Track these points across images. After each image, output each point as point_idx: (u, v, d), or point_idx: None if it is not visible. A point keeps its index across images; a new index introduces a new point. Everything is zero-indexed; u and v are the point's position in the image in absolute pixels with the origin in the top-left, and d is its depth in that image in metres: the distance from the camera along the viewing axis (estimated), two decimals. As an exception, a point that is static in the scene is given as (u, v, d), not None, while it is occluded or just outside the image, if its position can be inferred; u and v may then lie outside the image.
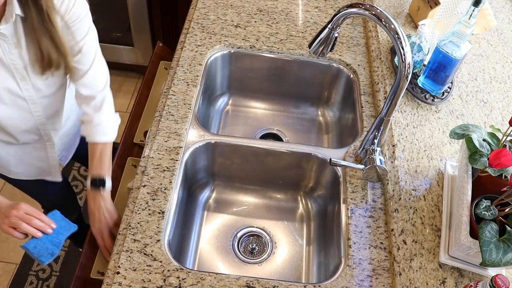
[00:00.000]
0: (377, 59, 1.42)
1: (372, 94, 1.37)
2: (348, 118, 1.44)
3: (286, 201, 1.38)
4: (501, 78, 1.39)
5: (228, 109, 1.60)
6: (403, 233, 1.02)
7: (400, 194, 1.08)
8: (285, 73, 1.53)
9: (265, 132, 1.54)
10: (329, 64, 1.48)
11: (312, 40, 1.05)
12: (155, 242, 1.00)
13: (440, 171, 1.14)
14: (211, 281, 0.95)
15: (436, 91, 1.29)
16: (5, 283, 1.90)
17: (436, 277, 0.96)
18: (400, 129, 1.22)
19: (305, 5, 1.65)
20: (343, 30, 1.57)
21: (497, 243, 0.85)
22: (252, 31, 1.52)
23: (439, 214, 1.06)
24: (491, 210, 0.90)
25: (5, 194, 2.17)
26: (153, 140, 1.19)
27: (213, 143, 1.24)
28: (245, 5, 1.61)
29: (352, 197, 1.12)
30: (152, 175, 1.12)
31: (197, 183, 1.34)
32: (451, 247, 0.97)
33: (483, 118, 1.27)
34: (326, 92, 1.57)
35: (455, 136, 1.00)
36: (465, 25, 1.13)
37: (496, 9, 1.65)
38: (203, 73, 1.39)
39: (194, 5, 1.60)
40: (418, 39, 1.29)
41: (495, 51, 1.49)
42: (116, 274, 0.95)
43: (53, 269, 1.95)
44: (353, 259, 1.01)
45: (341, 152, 1.24)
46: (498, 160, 0.87)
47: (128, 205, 1.07)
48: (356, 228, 1.07)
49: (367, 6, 0.94)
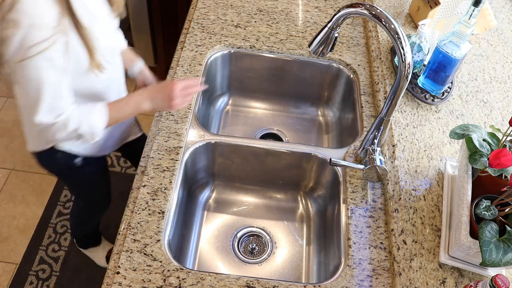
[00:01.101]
0: (377, 59, 1.42)
1: (372, 94, 1.37)
2: (348, 118, 1.44)
3: (286, 201, 1.38)
4: (501, 78, 1.39)
5: (228, 109, 1.60)
6: (403, 233, 1.02)
7: (400, 194, 1.08)
8: (285, 73, 1.53)
9: (265, 132, 1.54)
10: (329, 64, 1.48)
11: (312, 40, 1.05)
12: (155, 242, 1.00)
13: (440, 171, 1.14)
14: (211, 281, 0.95)
15: (436, 91, 1.29)
16: (5, 283, 1.90)
17: (436, 277, 0.96)
18: (400, 129, 1.22)
19: (305, 5, 1.65)
20: (343, 30, 1.57)
21: (497, 243, 0.85)
22: (252, 31, 1.52)
23: (439, 214, 1.06)
24: (491, 210, 0.90)
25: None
26: (153, 140, 1.19)
27: (213, 143, 1.24)
28: (245, 5, 1.61)
29: (352, 197, 1.12)
30: (152, 175, 1.12)
31: (197, 183, 1.34)
32: (451, 247, 0.97)
33: (483, 118, 1.27)
34: (326, 92, 1.57)
35: (455, 136, 1.00)
36: (465, 25, 1.13)
37: (496, 9, 1.65)
38: (203, 73, 1.39)
39: (194, 5, 1.60)
40: (418, 39, 1.29)
41: (495, 51, 1.49)
42: (116, 274, 0.95)
43: (53, 269, 1.95)
44: (353, 259, 1.01)
45: (341, 152, 1.24)
46: (498, 160, 0.87)
47: (128, 205, 1.07)
48: (356, 228, 1.07)
49: (367, 6, 0.94)
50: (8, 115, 2.52)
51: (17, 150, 2.36)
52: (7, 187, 2.21)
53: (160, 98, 1.11)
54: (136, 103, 1.12)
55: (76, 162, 1.31)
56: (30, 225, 2.08)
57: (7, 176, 2.25)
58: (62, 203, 2.16)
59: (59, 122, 1.02)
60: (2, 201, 2.16)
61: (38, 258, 1.98)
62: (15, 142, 2.40)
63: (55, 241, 2.03)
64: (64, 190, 2.20)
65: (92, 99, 1.16)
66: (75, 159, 1.30)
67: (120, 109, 1.12)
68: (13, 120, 2.49)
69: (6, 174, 2.26)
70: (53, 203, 2.15)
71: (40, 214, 2.11)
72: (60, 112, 1.02)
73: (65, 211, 2.13)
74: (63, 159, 1.29)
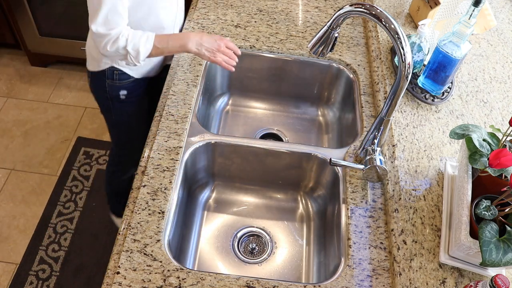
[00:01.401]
0: (377, 59, 1.42)
1: (372, 94, 1.37)
2: (348, 118, 1.44)
3: (286, 201, 1.38)
4: (501, 78, 1.39)
5: (228, 109, 1.60)
6: (403, 233, 1.02)
7: (400, 194, 1.08)
8: (285, 73, 1.53)
9: (265, 132, 1.54)
10: (329, 64, 1.48)
11: (312, 40, 1.05)
12: (155, 242, 1.00)
13: (440, 171, 1.14)
14: (211, 281, 0.95)
15: (436, 91, 1.29)
16: (5, 283, 1.90)
17: (436, 277, 0.96)
18: (400, 129, 1.22)
19: (305, 5, 1.65)
20: (343, 30, 1.57)
21: (497, 243, 0.85)
22: (252, 31, 1.52)
23: (439, 214, 1.06)
24: (491, 210, 0.90)
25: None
26: (153, 140, 1.19)
27: (213, 143, 1.24)
28: (245, 5, 1.61)
29: (352, 197, 1.12)
30: (152, 175, 1.12)
31: (197, 183, 1.34)
32: (451, 247, 0.97)
33: (483, 118, 1.27)
34: (326, 92, 1.57)
35: (455, 136, 1.00)
36: (465, 25, 1.13)
37: (496, 9, 1.65)
38: (203, 73, 1.39)
39: (194, 5, 1.60)
40: (418, 39, 1.29)
41: (495, 51, 1.49)
42: (116, 274, 0.95)
43: (53, 269, 1.95)
44: (353, 259, 1.01)
45: (341, 152, 1.24)
46: (498, 160, 0.87)
47: (128, 205, 1.07)
48: (356, 228, 1.07)
49: (367, 6, 0.94)
50: (8, 115, 2.52)
51: (17, 150, 2.36)
52: (7, 187, 2.21)
53: (206, 46, 1.22)
54: (183, 42, 1.22)
55: (121, 94, 1.43)
56: (30, 225, 2.08)
57: (7, 176, 2.25)
58: (62, 203, 2.16)
59: (111, 35, 1.15)
60: (2, 201, 2.16)
61: (38, 258, 1.98)
62: (15, 142, 2.40)
63: (55, 241, 2.03)
64: (64, 190, 2.20)
65: (147, 28, 1.26)
66: (120, 90, 1.43)
67: (166, 42, 1.22)
68: (13, 120, 2.49)
69: (6, 174, 2.26)
70: (53, 203, 2.15)
71: (40, 214, 2.11)
72: (113, 26, 1.15)
73: (65, 211, 2.13)
74: (110, 87, 1.42)
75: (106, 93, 1.44)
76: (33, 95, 2.62)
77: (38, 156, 2.34)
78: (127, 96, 1.45)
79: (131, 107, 1.51)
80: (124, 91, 1.43)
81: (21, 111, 2.54)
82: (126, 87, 1.43)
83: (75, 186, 2.23)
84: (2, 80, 2.69)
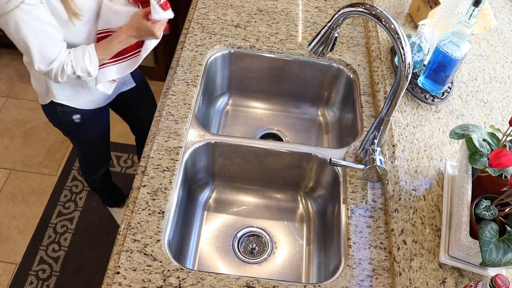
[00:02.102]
0: (377, 59, 1.42)
1: (372, 94, 1.37)
2: (348, 118, 1.44)
3: (286, 201, 1.38)
4: (501, 78, 1.39)
5: (228, 109, 1.60)
6: (403, 233, 1.02)
7: (400, 194, 1.08)
8: (285, 73, 1.53)
9: (265, 132, 1.54)
10: (329, 64, 1.48)
11: (312, 40, 1.05)
12: (155, 242, 1.00)
13: (440, 171, 1.14)
14: (211, 281, 0.95)
15: (436, 91, 1.29)
16: (5, 283, 1.90)
17: (436, 277, 0.96)
18: (400, 129, 1.22)
19: (305, 5, 1.65)
20: (343, 30, 1.57)
21: (497, 243, 0.85)
22: (252, 31, 1.52)
23: (439, 214, 1.06)
24: (491, 210, 0.90)
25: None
26: (153, 140, 1.19)
27: (213, 143, 1.24)
28: (245, 5, 1.61)
29: (352, 197, 1.12)
30: (152, 175, 1.12)
31: (197, 183, 1.34)
32: (451, 247, 0.97)
33: (483, 118, 1.27)
34: (326, 92, 1.57)
35: (455, 136, 1.00)
36: (465, 25, 1.13)
37: (496, 9, 1.65)
38: (203, 73, 1.39)
39: (194, 5, 1.60)
40: (418, 39, 1.29)
41: (495, 51, 1.49)
42: (116, 274, 0.95)
43: (53, 269, 1.95)
44: (353, 259, 1.01)
45: (341, 152, 1.24)
46: (498, 160, 0.87)
47: (128, 205, 1.07)
48: (356, 228, 1.07)
49: (367, 6, 0.94)
50: (8, 115, 2.52)
51: (17, 150, 2.36)
52: (7, 187, 2.21)
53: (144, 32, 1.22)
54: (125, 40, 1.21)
55: (74, 118, 1.45)
56: (30, 225, 2.08)
57: (7, 176, 2.25)
58: (62, 203, 2.16)
59: (54, 68, 1.15)
60: (2, 201, 2.16)
61: (38, 258, 1.98)
62: (15, 142, 2.40)
63: (55, 241, 2.03)
64: (64, 190, 2.20)
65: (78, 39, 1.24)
66: (73, 115, 1.43)
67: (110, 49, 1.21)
68: (13, 120, 2.49)
69: (6, 174, 2.26)
70: (53, 203, 2.15)
71: (40, 214, 2.11)
72: (51, 58, 1.13)
73: (65, 211, 2.13)
74: (62, 113, 1.42)
75: (60, 119, 1.45)
76: (33, 95, 2.62)
77: (38, 156, 2.34)
78: (81, 119, 1.46)
79: (89, 126, 1.53)
80: (77, 115, 1.44)
81: (21, 111, 2.54)
82: (79, 111, 1.43)
83: (75, 186, 2.23)
84: (2, 80, 2.69)
